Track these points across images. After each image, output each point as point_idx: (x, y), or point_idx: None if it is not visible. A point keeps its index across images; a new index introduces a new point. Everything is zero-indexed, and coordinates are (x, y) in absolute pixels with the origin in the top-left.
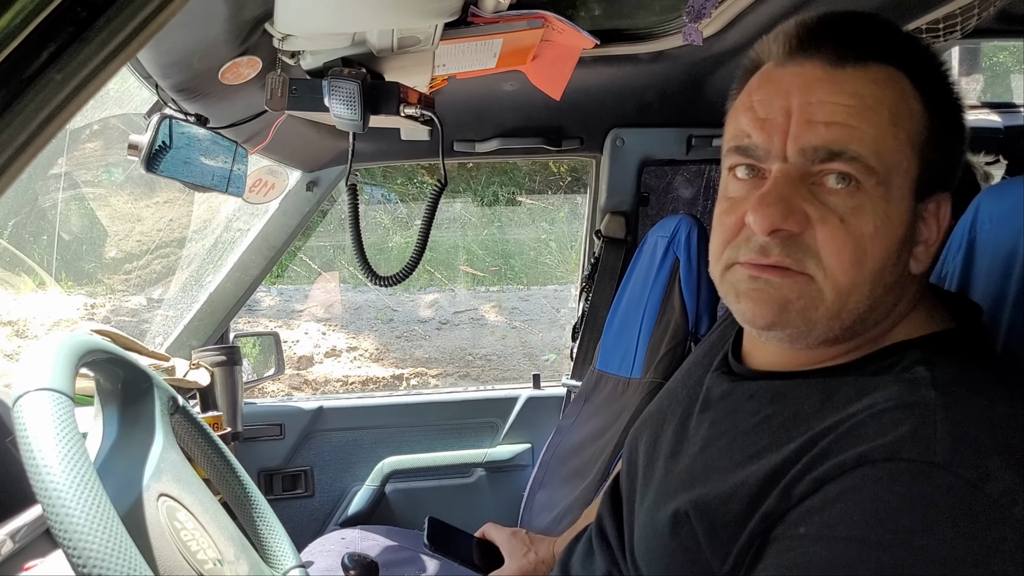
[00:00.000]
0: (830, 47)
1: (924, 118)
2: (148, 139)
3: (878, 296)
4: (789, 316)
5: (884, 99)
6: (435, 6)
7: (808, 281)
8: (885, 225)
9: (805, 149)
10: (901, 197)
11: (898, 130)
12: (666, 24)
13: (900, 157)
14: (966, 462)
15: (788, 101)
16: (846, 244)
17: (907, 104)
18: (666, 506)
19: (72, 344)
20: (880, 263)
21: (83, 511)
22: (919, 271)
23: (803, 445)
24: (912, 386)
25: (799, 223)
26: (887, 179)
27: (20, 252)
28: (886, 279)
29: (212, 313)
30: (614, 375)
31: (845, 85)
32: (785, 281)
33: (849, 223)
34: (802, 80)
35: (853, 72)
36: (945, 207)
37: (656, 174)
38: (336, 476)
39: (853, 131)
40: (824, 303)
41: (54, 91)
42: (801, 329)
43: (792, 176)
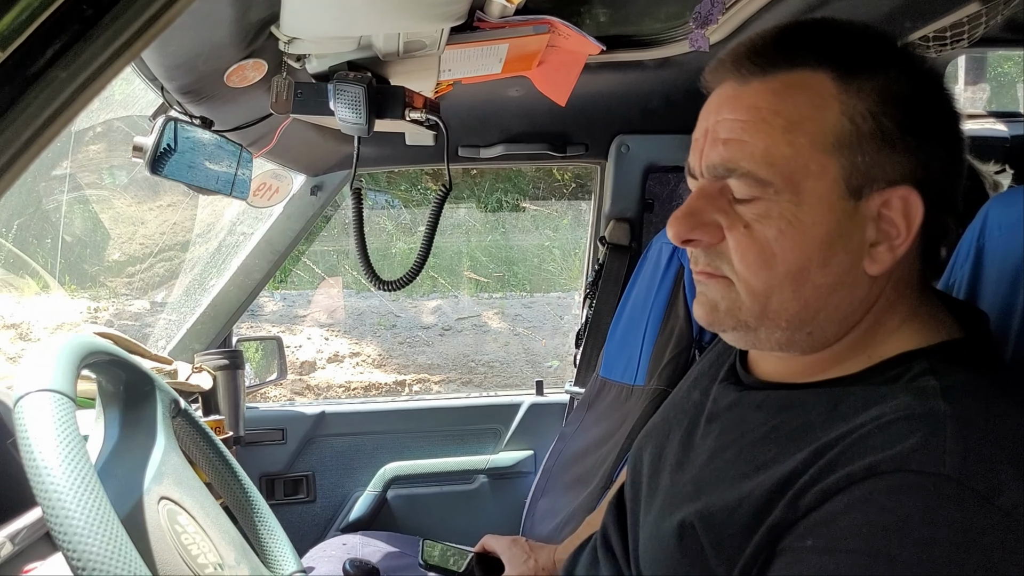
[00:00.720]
0: (741, 64)
1: (845, 117)
2: (153, 141)
3: (809, 296)
4: (719, 315)
5: (781, 109)
6: (441, 10)
7: (728, 284)
8: (793, 228)
9: (708, 167)
10: (818, 199)
11: (795, 136)
12: (672, 31)
13: (804, 162)
14: (977, 474)
15: (707, 121)
16: (749, 248)
17: (814, 108)
18: (672, 517)
19: (74, 345)
20: (795, 264)
21: (83, 513)
22: (877, 271)
23: (810, 456)
24: (921, 397)
25: (710, 234)
26: (791, 185)
27: (24, 254)
28: (814, 279)
29: (215, 317)
30: (617, 382)
31: (745, 100)
32: (710, 283)
33: (753, 228)
34: (717, 100)
35: (757, 86)
36: (912, 203)
37: (660, 181)
38: (338, 481)
39: (745, 146)
40: (744, 304)
41: (59, 89)
42: (740, 331)
43: (708, 191)
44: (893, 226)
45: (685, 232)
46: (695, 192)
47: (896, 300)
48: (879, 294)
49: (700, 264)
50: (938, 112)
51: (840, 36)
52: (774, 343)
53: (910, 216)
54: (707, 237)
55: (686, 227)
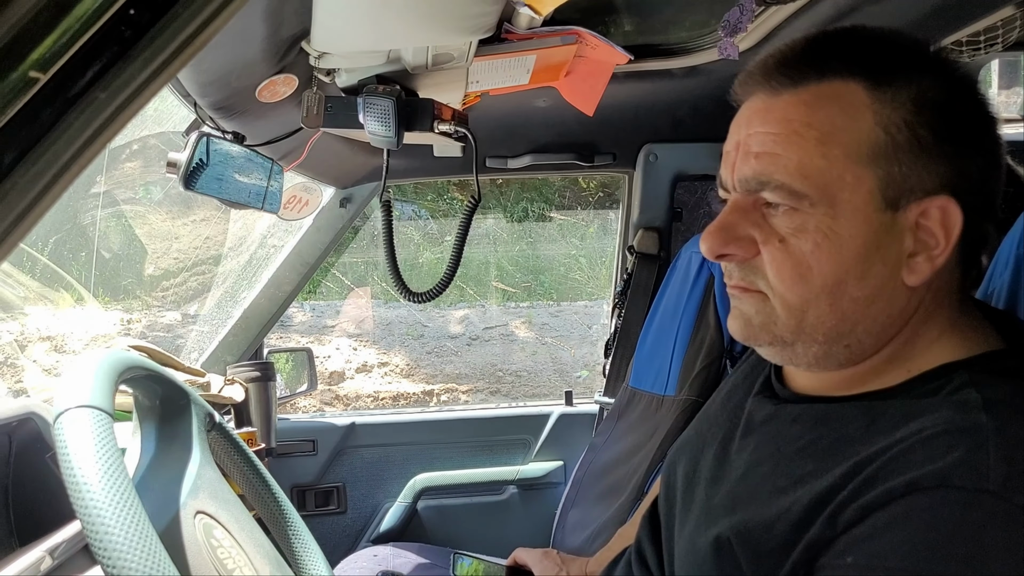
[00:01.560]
0: (771, 76)
1: (879, 127)
2: (186, 157)
3: (847, 309)
4: (754, 330)
5: (813, 121)
6: (470, 23)
7: (763, 299)
8: (830, 241)
9: (741, 180)
10: (854, 211)
11: (829, 148)
12: (700, 39)
13: (839, 173)
14: (1021, 490)
15: (738, 135)
16: (784, 263)
17: (847, 118)
18: (708, 532)
19: (112, 361)
20: (832, 278)
21: (122, 528)
22: (916, 282)
23: (849, 471)
24: (962, 410)
25: (743, 248)
26: (826, 198)
27: (60, 269)
28: (851, 292)
29: (246, 329)
30: (648, 392)
31: (776, 113)
32: (744, 298)
33: (789, 243)
34: (748, 113)
35: (787, 98)
36: (950, 212)
37: (689, 189)
38: (368, 492)
39: (778, 159)
40: (780, 319)
41: (99, 109)
42: (776, 346)
43: (741, 205)
44: (931, 236)
45: (719, 247)
46: (728, 206)
47: (935, 311)
48: (917, 305)
49: (735, 278)
50: (974, 118)
51: (871, 44)
52: (811, 357)
53: (948, 226)
54: (741, 252)
55: (720, 242)
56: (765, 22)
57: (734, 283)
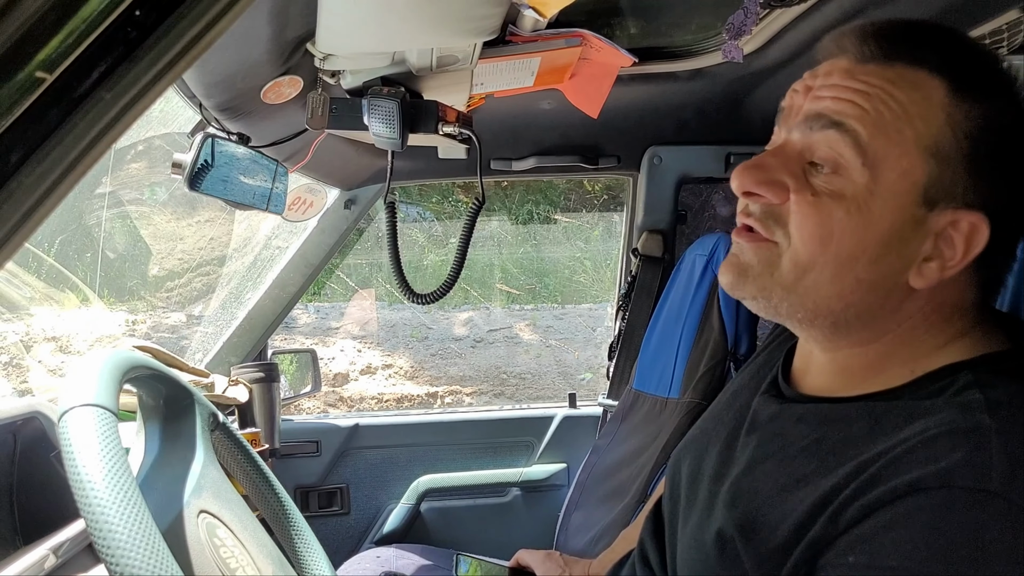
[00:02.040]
0: (863, 45)
1: (947, 131)
2: (191, 158)
3: (846, 286)
4: (746, 282)
5: (895, 95)
6: (475, 25)
7: (771, 249)
8: (861, 214)
9: (808, 116)
10: (892, 195)
11: (903, 126)
12: (705, 41)
13: (899, 153)
14: (1023, 489)
15: (811, 81)
16: (809, 218)
17: (925, 109)
18: (710, 527)
19: (116, 360)
20: (847, 251)
21: (126, 527)
22: (919, 286)
23: (852, 471)
24: (965, 410)
25: (774, 192)
26: (875, 169)
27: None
28: (858, 272)
29: (251, 330)
30: (651, 395)
31: (861, 76)
32: (749, 246)
33: (822, 200)
34: (829, 68)
35: (874, 68)
36: (978, 231)
37: (693, 192)
38: (372, 494)
39: (856, 107)
40: (780, 272)
41: (104, 110)
42: (760, 299)
43: (787, 151)
44: (951, 247)
45: (751, 184)
46: (774, 147)
47: (940, 322)
48: (916, 311)
49: (752, 217)
50: None
51: (963, 51)
52: (795, 321)
53: (971, 242)
54: (771, 194)
55: (753, 180)
56: (769, 25)
57: (749, 223)
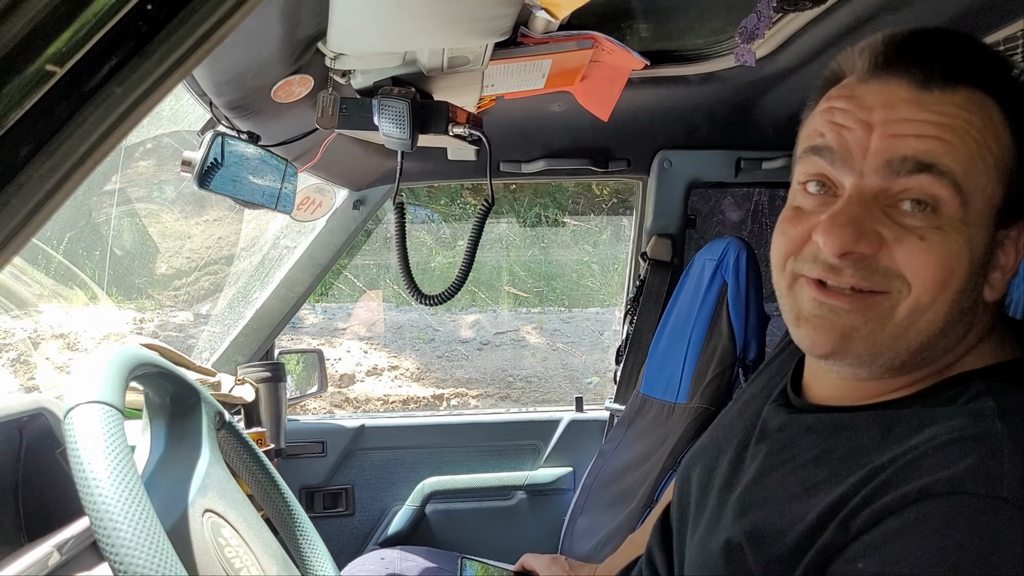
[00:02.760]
0: (917, 67)
1: (1012, 146)
2: (201, 156)
3: (952, 320)
4: (852, 344)
5: (974, 123)
6: (487, 26)
7: (883, 300)
8: (965, 247)
9: (892, 160)
10: (981, 222)
11: (986, 154)
12: (716, 45)
13: (985, 182)
14: None
15: (870, 116)
16: (929, 261)
17: (995, 130)
18: (718, 536)
19: (123, 358)
20: (961, 285)
21: (130, 525)
22: (993, 298)
23: (863, 477)
24: (978, 418)
25: (872, 245)
26: (969, 201)
27: (74, 266)
28: (962, 303)
29: (258, 329)
30: (659, 400)
31: (933, 106)
32: (854, 307)
33: (931, 241)
34: (886, 98)
35: (940, 96)
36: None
37: (703, 196)
38: (376, 495)
39: (947, 145)
40: (893, 321)
41: (114, 104)
42: (864, 358)
43: (866, 195)
44: (1007, 256)
45: (851, 242)
46: (852, 196)
47: (980, 329)
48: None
49: (846, 276)
50: None
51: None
52: (877, 369)
53: (1021, 245)
54: (870, 248)
55: (852, 237)
56: (782, 29)
57: (845, 282)
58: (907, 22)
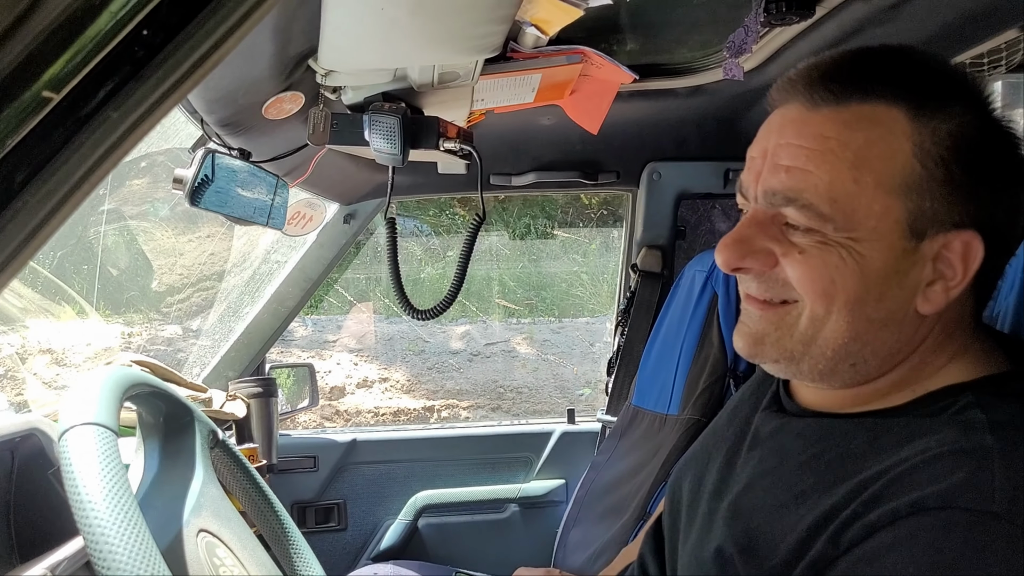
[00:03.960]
0: (812, 88)
1: (916, 160)
2: (192, 173)
3: (861, 328)
4: (763, 347)
5: (851, 142)
6: (477, 43)
7: (787, 309)
8: (853, 258)
9: (765, 192)
10: (876, 238)
11: (862, 174)
12: (705, 59)
13: (867, 201)
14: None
15: (768, 142)
16: (807, 273)
17: (885, 145)
18: (709, 544)
19: (117, 378)
20: (854, 293)
21: (125, 546)
22: (929, 311)
23: (853, 489)
24: (967, 431)
25: (760, 262)
26: (851, 223)
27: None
28: (868, 312)
29: (249, 344)
30: (651, 411)
31: (813, 127)
32: (764, 315)
33: (810, 254)
34: (782, 121)
35: (827, 113)
36: (973, 247)
37: (692, 208)
38: (369, 509)
39: (808, 176)
40: (797, 331)
41: (110, 129)
42: (783, 362)
43: (760, 217)
44: (950, 268)
45: (736, 260)
46: (747, 218)
47: (945, 340)
48: (927, 334)
49: (754, 291)
50: (1008, 158)
51: (919, 70)
52: (816, 374)
53: (968, 259)
54: (758, 265)
55: (736, 255)
56: (770, 43)
57: (755, 296)
58: (892, 36)
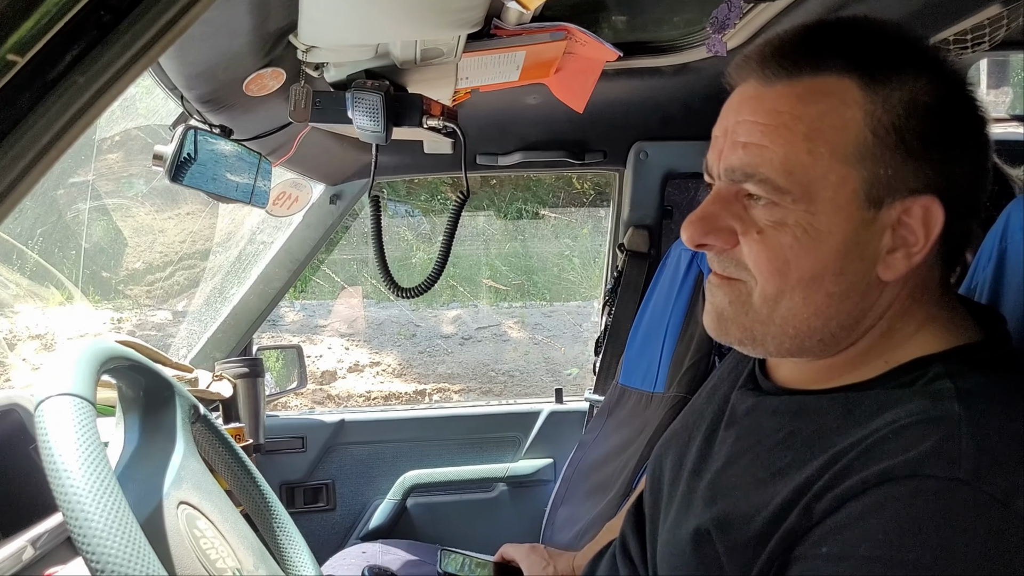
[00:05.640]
0: (766, 64)
1: (868, 129)
2: (173, 150)
3: (821, 303)
4: (725, 324)
5: (803, 115)
6: (457, 17)
7: (741, 288)
8: (809, 236)
9: (726, 170)
10: (836, 209)
11: (815, 145)
12: (690, 36)
13: (823, 171)
14: (992, 478)
15: (728, 120)
16: (762, 254)
17: (838, 116)
18: (688, 523)
19: (94, 351)
20: (809, 272)
21: (102, 516)
22: (891, 278)
23: (826, 462)
24: (936, 400)
25: (722, 239)
26: (808, 194)
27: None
28: (827, 287)
29: (235, 326)
30: (637, 389)
31: (767, 103)
32: (722, 290)
33: (767, 235)
34: (739, 98)
35: (780, 89)
36: (932, 212)
37: (680, 187)
38: (357, 490)
39: (764, 151)
40: (753, 309)
41: (77, 94)
42: (746, 341)
43: (724, 194)
44: (912, 233)
45: (699, 236)
46: (711, 196)
47: (912, 306)
48: (893, 300)
49: (715, 267)
50: (964, 122)
51: (869, 40)
52: (784, 351)
53: (929, 224)
54: (720, 242)
55: (700, 232)
56: (753, 20)
57: (715, 271)
58: (875, 12)
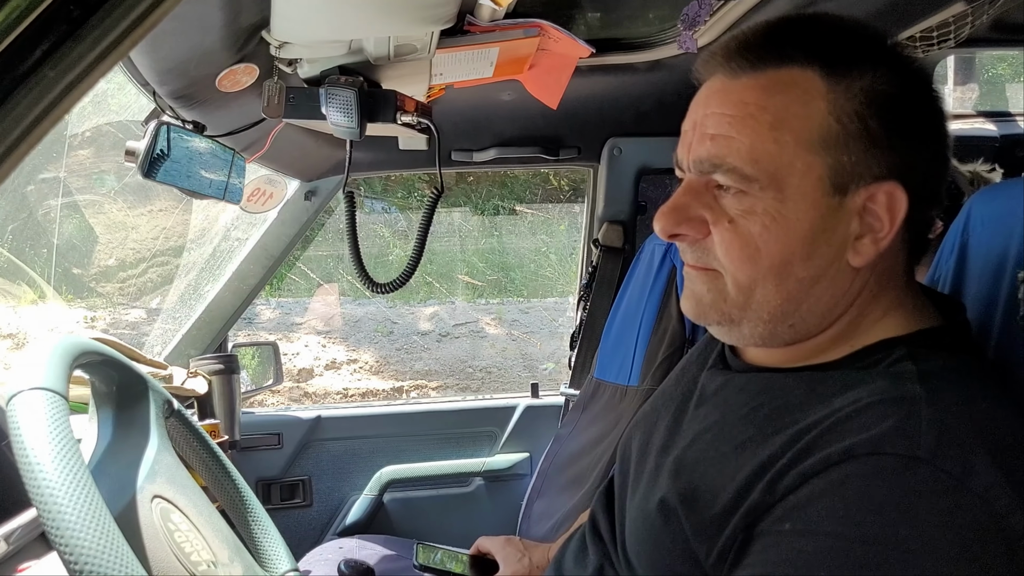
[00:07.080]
0: (731, 58)
1: (831, 117)
2: (145, 145)
3: (792, 289)
4: (704, 308)
5: (768, 105)
6: (430, 13)
7: (715, 276)
8: (777, 224)
9: (695, 161)
10: (802, 196)
11: (781, 134)
12: (662, 33)
13: (788, 159)
14: (950, 457)
15: (696, 114)
16: (733, 243)
17: (801, 105)
18: (654, 496)
19: (67, 345)
20: (778, 259)
21: (76, 510)
22: (860, 263)
23: (789, 439)
24: (898, 381)
25: (694, 229)
26: (775, 182)
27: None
28: (797, 273)
29: (210, 322)
30: (612, 383)
31: (734, 95)
32: (697, 275)
33: (737, 223)
34: (707, 93)
35: (746, 81)
36: (896, 198)
37: (654, 183)
38: (334, 485)
39: (731, 142)
40: (729, 296)
41: (48, 88)
42: (724, 325)
43: (694, 186)
44: (877, 219)
45: (671, 227)
46: (682, 187)
47: (879, 292)
48: (862, 286)
49: (688, 258)
50: (924, 112)
51: (831, 33)
52: (757, 336)
53: (894, 210)
54: (692, 232)
55: (672, 222)
56: (724, 17)
57: (689, 262)
58: (842, 9)
